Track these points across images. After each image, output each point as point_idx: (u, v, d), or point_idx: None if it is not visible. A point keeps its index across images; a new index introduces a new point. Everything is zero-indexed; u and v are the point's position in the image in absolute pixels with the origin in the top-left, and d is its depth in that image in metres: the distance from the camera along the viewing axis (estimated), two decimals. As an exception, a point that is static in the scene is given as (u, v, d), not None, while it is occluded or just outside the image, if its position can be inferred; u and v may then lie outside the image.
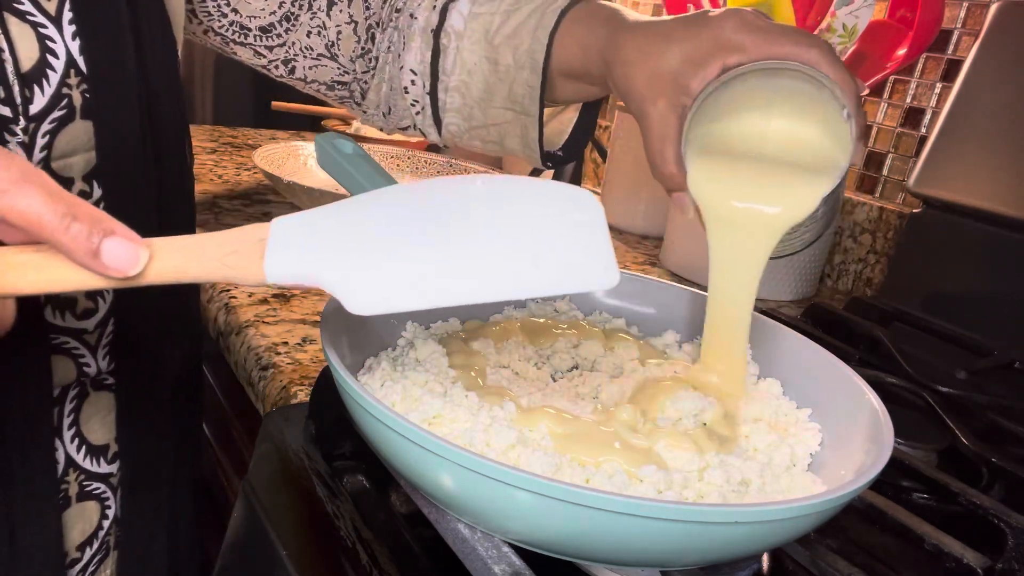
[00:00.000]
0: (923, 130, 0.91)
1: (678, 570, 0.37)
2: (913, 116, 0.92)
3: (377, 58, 0.65)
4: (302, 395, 0.53)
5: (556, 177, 1.10)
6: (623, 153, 1.06)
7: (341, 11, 0.62)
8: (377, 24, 0.64)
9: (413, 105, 0.65)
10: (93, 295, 0.47)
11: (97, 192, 0.46)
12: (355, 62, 0.64)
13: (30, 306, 0.43)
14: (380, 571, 0.38)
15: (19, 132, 0.41)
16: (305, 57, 0.63)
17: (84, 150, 0.44)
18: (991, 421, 0.58)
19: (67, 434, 0.48)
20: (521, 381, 0.46)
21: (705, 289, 0.48)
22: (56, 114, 0.42)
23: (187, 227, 0.54)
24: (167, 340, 0.53)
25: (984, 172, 0.76)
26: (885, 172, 0.96)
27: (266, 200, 0.99)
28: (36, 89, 0.41)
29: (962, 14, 0.87)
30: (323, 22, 0.62)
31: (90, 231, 0.30)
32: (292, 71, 0.64)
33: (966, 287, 0.77)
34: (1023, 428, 0.57)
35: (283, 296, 0.70)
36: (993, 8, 0.80)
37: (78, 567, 0.51)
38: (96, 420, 0.50)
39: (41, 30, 0.41)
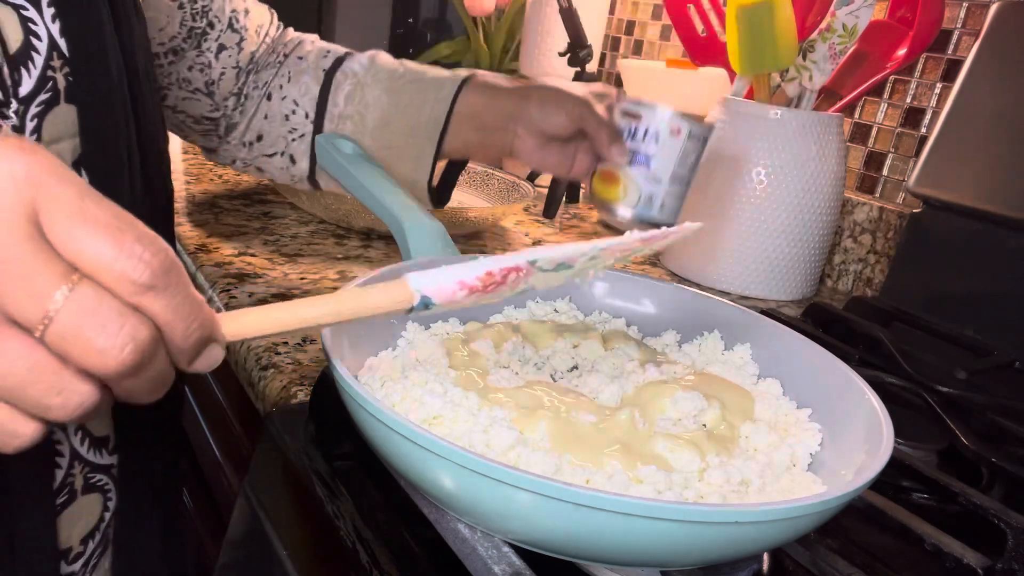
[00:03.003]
0: (923, 130, 0.91)
1: (678, 570, 0.37)
2: (913, 116, 0.92)
3: (248, 96, 0.70)
4: (302, 395, 0.53)
5: (555, 178, 1.10)
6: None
7: (230, 56, 0.68)
8: (254, 66, 0.71)
9: (291, 132, 0.70)
10: None
11: (85, 178, 0.46)
12: (227, 99, 0.70)
13: None
14: (380, 571, 0.38)
15: (11, 115, 0.41)
16: (180, 89, 0.68)
17: (70, 135, 0.44)
18: (991, 421, 0.58)
19: (71, 426, 0.48)
20: (521, 382, 0.46)
21: (705, 289, 0.48)
22: (42, 97, 0.42)
23: (166, 209, 0.55)
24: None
25: (984, 172, 0.76)
26: (885, 172, 0.96)
27: (266, 200, 0.99)
28: (23, 71, 0.41)
29: (962, 14, 0.87)
30: (209, 61, 0.67)
31: (201, 338, 0.28)
32: (163, 99, 0.68)
33: (966, 287, 0.77)
34: (1023, 428, 0.57)
35: (283, 296, 0.70)
36: (993, 8, 0.80)
37: (81, 561, 0.51)
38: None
39: (23, 12, 0.41)
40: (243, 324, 0.31)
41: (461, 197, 1.09)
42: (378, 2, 1.77)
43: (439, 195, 0.72)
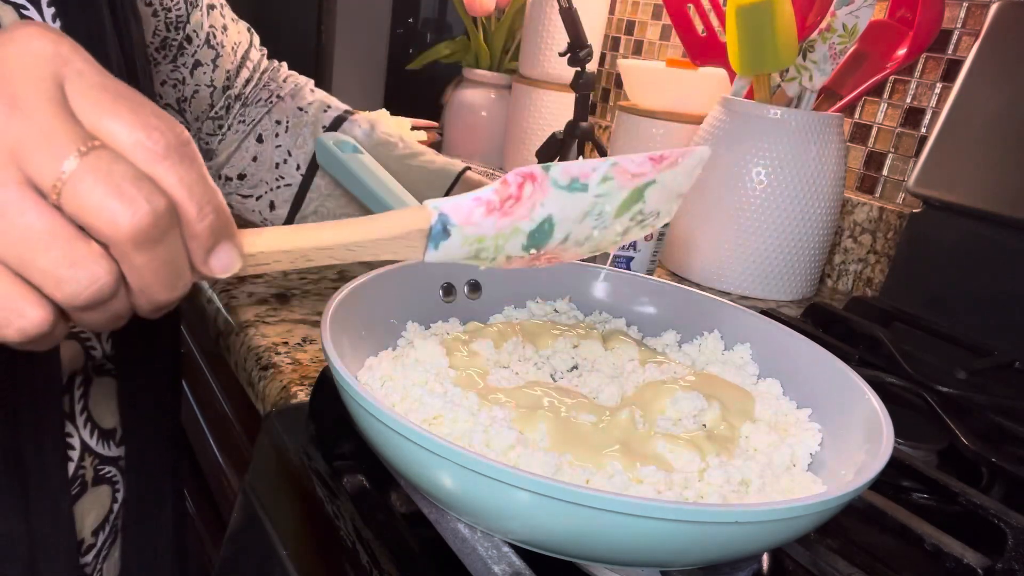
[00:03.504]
0: (923, 130, 0.91)
1: (678, 570, 0.37)
2: (913, 116, 0.92)
3: (230, 127, 0.70)
4: (302, 395, 0.53)
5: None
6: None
7: (204, 73, 0.67)
8: (237, 98, 0.70)
9: (279, 179, 0.71)
10: None
11: None
12: (201, 122, 0.69)
13: None
14: (380, 571, 0.38)
15: None
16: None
17: None
18: (991, 421, 0.58)
19: (80, 419, 0.49)
20: (521, 382, 0.46)
21: (705, 289, 0.48)
22: None
23: None
24: (159, 323, 0.54)
25: (984, 172, 0.76)
26: (885, 172, 0.96)
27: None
28: None
29: (962, 14, 0.87)
30: (183, 77, 0.66)
31: (216, 224, 0.27)
32: None
33: (966, 287, 0.77)
34: (1023, 428, 0.57)
35: (283, 296, 0.70)
36: (993, 8, 0.80)
37: (92, 552, 0.51)
38: (103, 404, 0.51)
39: (23, 11, 0.42)
40: (260, 239, 0.29)
41: (461, 197, 1.09)
42: (378, 2, 1.77)
43: None
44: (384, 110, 1.28)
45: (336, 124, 0.71)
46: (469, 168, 0.72)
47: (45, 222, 0.24)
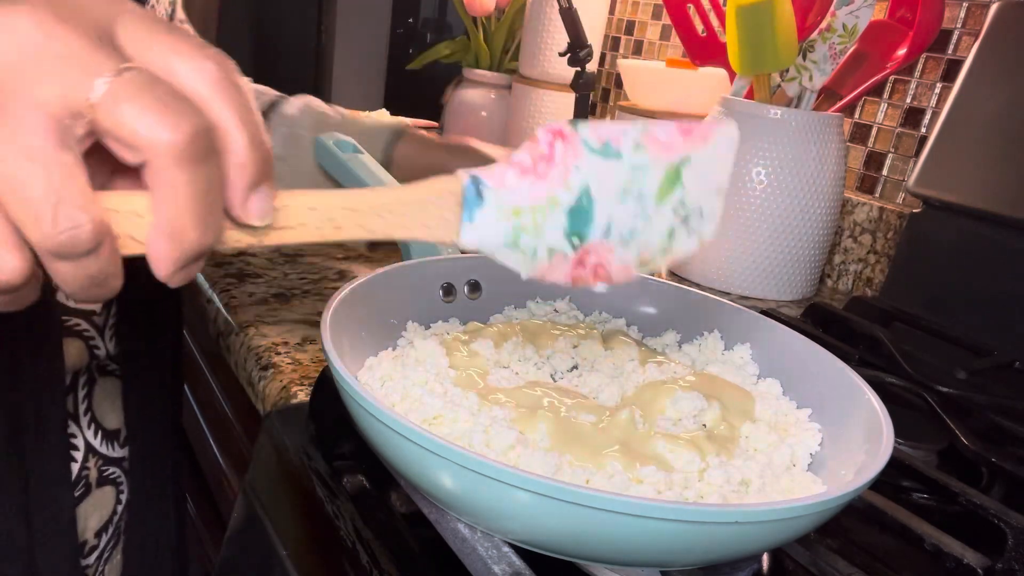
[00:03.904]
0: (923, 130, 0.91)
1: (678, 570, 0.37)
2: (913, 116, 0.92)
3: None
4: (302, 395, 0.53)
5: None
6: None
7: None
8: None
9: None
10: None
11: None
12: None
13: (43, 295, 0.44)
14: (380, 571, 0.38)
15: None
16: None
17: None
18: (991, 421, 0.58)
19: (84, 419, 0.49)
20: (521, 382, 0.46)
21: (705, 289, 0.48)
22: None
23: None
24: (162, 322, 0.54)
25: (984, 172, 0.76)
26: (885, 172, 0.96)
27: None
28: None
29: (962, 14, 0.87)
30: None
31: (262, 166, 0.25)
32: None
33: (966, 287, 0.77)
34: (1023, 428, 0.57)
35: (283, 296, 0.70)
36: (993, 8, 0.80)
37: (95, 554, 0.51)
38: (107, 405, 0.50)
39: None
40: (286, 193, 0.28)
41: (461, 197, 1.09)
42: (378, 2, 1.77)
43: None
44: (384, 110, 1.28)
45: (269, 109, 0.70)
46: (408, 128, 0.73)
47: (49, 149, 0.22)
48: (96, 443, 0.50)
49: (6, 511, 0.44)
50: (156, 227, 0.24)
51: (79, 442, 0.48)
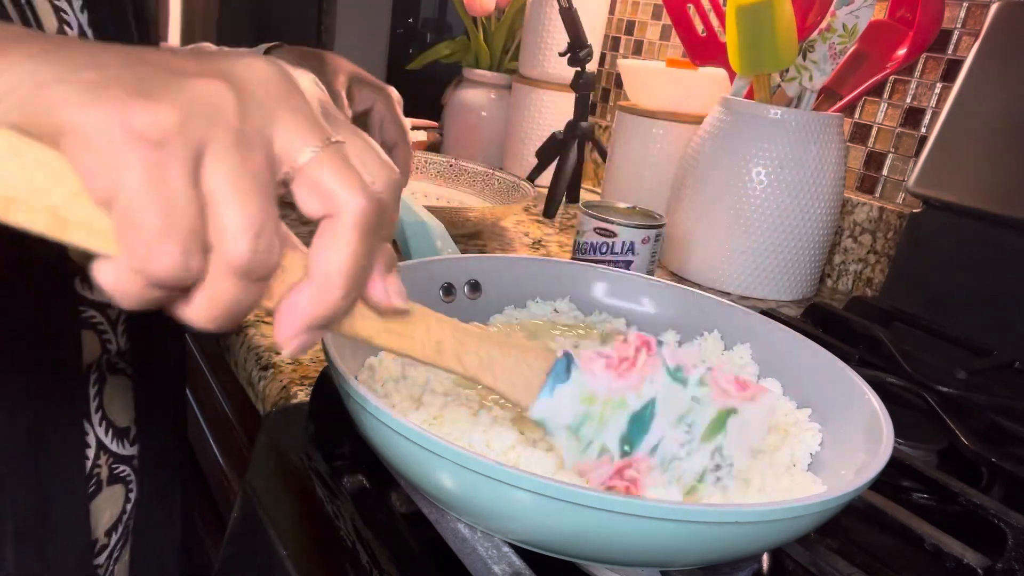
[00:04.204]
0: (923, 130, 0.91)
1: (678, 570, 0.37)
2: (913, 116, 0.92)
3: None
4: (302, 395, 0.53)
5: (556, 178, 1.11)
6: (623, 153, 1.06)
7: None
8: None
9: None
10: None
11: None
12: None
13: (61, 275, 0.45)
14: (380, 571, 0.38)
15: None
16: None
17: None
18: (991, 421, 0.58)
19: (95, 417, 0.49)
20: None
21: (705, 289, 0.48)
22: None
23: None
24: (168, 320, 0.54)
25: (984, 172, 0.76)
26: (885, 172, 0.96)
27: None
28: None
29: (962, 14, 0.87)
30: None
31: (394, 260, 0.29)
32: None
33: (966, 287, 0.77)
34: (1023, 428, 0.57)
35: (283, 296, 0.70)
36: (993, 8, 0.80)
37: (105, 553, 0.51)
38: (117, 402, 0.51)
39: (56, 2, 0.44)
40: (414, 306, 0.31)
41: (461, 197, 1.09)
42: (378, 2, 1.77)
43: None
44: (384, 110, 1.28)
45: None
46: (281, 46, 0.72)
47: (267, 180, 0.25)
48: (107, 441, 0.50)
49: (24, 501, 0.44)
50: (311, 279, 0.27)
51: (91, 439, 0.49)
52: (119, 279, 0.24)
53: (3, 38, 0.24)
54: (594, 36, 1.20)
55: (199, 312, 0.26)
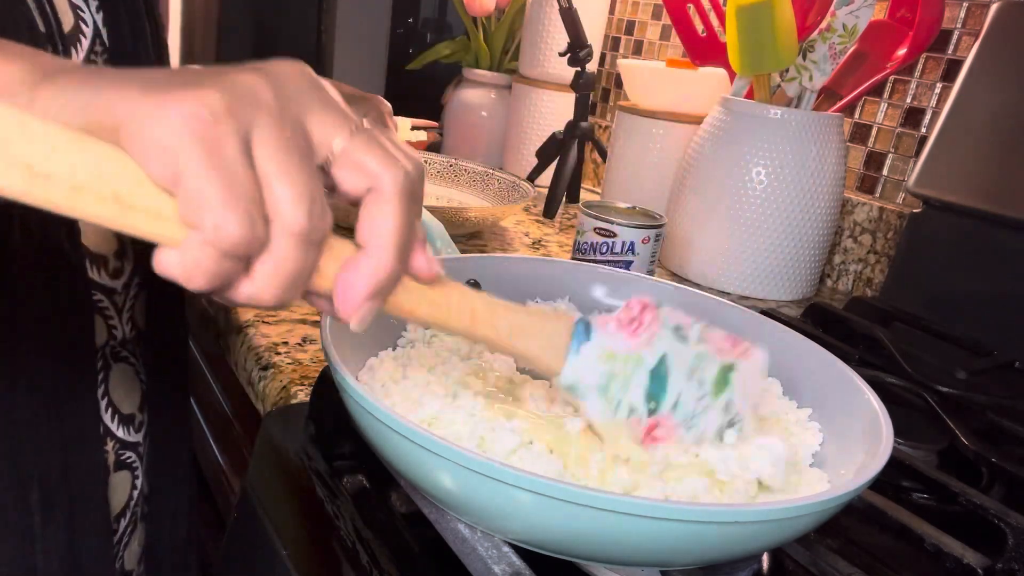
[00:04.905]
0: (923, 130, 0.91)
1: (678, 570, 0.37)
2: (913, 116, 0.92)
3: None
4: (302, 395, 0.53)
5: (556, 178, 1.11)
6: (623, 153, 1.06)
7: None
8: None
9: None
10: (120, 255, 0.49)
11: None
12: None
13: (76, 258, 0.46)
14: (380, 571, 0.38)
15: None
16: None
17: None
18: (991, 421, 0.58)
19: (102, 402, 0.49)
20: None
21: (705, 289, 0.48)
22: None
23: None
24: (174, 310, 0.55)
25: (984, 172, 0.76)
26: (885, 172, 0.96)
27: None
28: (73, 51, 0.45)
29: (962, 14, 0.87)
30: None
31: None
32: None
33: (966, 287, 0.77)
34: (1023, 428, 0.57)
35: (283, 296, 0.70)
36: (993, 8, 0.80)
37: (115, 538, 0.52)
38: (122, 389, 0.51)
39: (73, 0, 0.45)
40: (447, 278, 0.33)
41: (461, 197, 1.09)
42: (378, 2, 1.77)
43: None
44: (384, 110, 1.28)
45: None
46: None
47: (313, 163, 0.27)
48: (113, 426, 0.50)
49: (49, 465, 0.45)
50: (365, 249, 0.29)
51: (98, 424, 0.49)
52: (189, 258, 0.25)
53: (50, 68, 0.26)
54: (594, 36, 1.20)
55: (263, 283, 0.27)
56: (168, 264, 0.25)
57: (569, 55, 1.06)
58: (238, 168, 0.25)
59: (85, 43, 0.45)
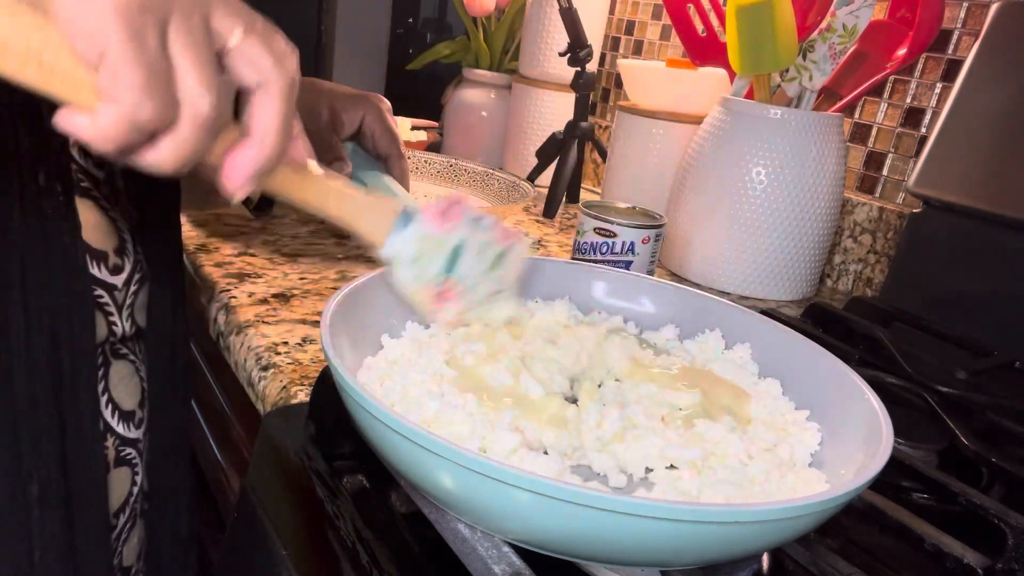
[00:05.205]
0: (923, 130, 0.91)
1: (678, 570, 0.37)
2: (913, 116, 0.92)
3: None
4: (302, 395, 0.53)
5: (556, 178, 1.11)
6: (623, 153, 1.06)
7: None
8: None
9: None
10: (120, 251, 0.49)
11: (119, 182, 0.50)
12: None
13: (75, 259, 0.46)
14: (380, 571, 0.38)
15: None
16: None
17: None
18: (991, 421, 0.58)
19: (102, 398, 0.49)
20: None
21: (705, 289, 0.49)
22: None
23: (174, 192, 0.57)
24: (174, 308, 0.55)
25: (984, 172, 0.76)
26: (885, 172, 0.96)
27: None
28: None
29: (962, 14, 0.87)
30: None
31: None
32: None
33: (966, 287, 0.77)
34: (1023, 428, 0.57)
35: (283, 296, 0.70)
36: (993, 8, 0.80)
37: (113, 535, 0.52)
38: (122, 386, 0.52)
39: None
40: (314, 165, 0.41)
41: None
42: (378, 2, 1.77)
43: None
44: (384, 110, 1.28)
45: None
46: None
47: (212, 52, 0.32)
48: (113, 422, 0.51)
49: (48, 459, 0.45)
50: (252, 136, 0.34)
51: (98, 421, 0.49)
52: (100, 126, 0.29)
53: None
54: (594, 36, 1.20)
55: (165, 155, 0.32)
56: (78, 126, 0.29)
57: (569, 55, 1.06)
58: (158, 56, 0.29)
59: None
